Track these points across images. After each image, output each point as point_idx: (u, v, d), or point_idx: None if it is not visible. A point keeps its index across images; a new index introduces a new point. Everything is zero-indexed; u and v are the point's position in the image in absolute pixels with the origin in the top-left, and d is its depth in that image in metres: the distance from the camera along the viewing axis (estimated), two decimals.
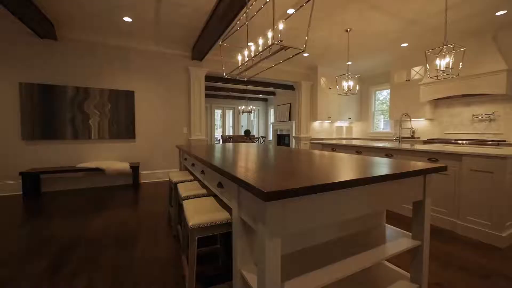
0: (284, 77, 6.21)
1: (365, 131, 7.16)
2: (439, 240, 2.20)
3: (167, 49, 4.74)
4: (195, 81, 5.03)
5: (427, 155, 2.57)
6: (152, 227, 2.50)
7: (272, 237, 0.90)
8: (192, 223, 1.26)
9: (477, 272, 1.70)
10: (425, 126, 5.52)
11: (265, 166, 1.37)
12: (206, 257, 1.93)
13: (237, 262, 1.17)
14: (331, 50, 5.05)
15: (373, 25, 3.84)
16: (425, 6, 3.25)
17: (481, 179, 2.17)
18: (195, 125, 5.08)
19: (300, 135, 6.49)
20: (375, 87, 6.87)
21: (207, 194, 1.83)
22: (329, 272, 1.15)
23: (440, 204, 2.50)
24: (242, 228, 1.17)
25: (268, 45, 2.08)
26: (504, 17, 3.61)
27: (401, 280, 1.48)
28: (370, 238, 1.52)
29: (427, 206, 1.42)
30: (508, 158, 2.04)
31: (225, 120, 10.95)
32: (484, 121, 4.54)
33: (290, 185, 0.89)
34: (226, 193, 1.35)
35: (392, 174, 1.16)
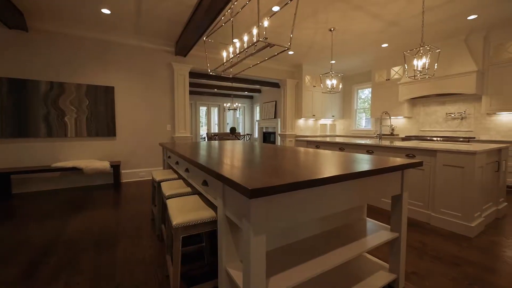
0: (269, 74, 6.22)
1: (348, 129, 7.38)
2: (415, 231, 2.33)
3: (149, 43, 4.58)
4: (179, 77, 4.91)
5: (405, 152, 2.69)
6: (134, 228, 2.43)
7: (257, 234, 0.91)
8: (176, 222, 1.24)
9: (449, 261, 1.82)
10: (403, 124, 5.78)
11: (250, 163, 1.37)
12: (191, 256, 1.90)
13: (222, 259, 1.17)
14: (316, 48, 5.12)
15: (356, 25, 3.94)
16: (404, 8, 3.38)
17: (453, 173, 2.32)
18: (179, 123, 4.98)
19: (286, 132, 6.56)
20: (357, 86, 7.07)
21: (192, 193, 1.81)
22: (312, 266, 1.17)
23: (416, 198, 2.64)
24: (227, 226, 1.16)
25: (253, 42, 2.07)
26: (474, 21, 3.84)
27: (381, 271, 1.55)
28: (352, 231, 1.57)
29: (404, 199, 1.49)
30: (477, 153, 2.18)
31: (210, 118, 10.81)
32: (456, 119, 4.83)
33: (275, 182, 0.90)
34: (211, 191, 1.34)
35: (372, 170, 1.21)
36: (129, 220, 2.62)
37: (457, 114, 4.81)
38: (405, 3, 3.24)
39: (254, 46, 2.12)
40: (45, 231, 2.36)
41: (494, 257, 1.87)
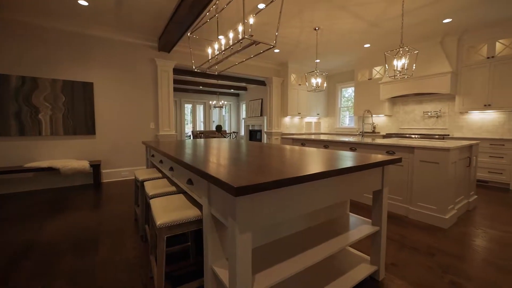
0: (255, 72, 6.22)
1: (332, 126, 7.55)
2: (395, 224, 2.44)
3: (131, 38, 4.41)
4: (162, 73, 4.78)
5: (386, 148, 2.81)
6: (116, 229, 2.35)
7: (243, 231, 0.91)
8: (160, 222, 1.21)
9: (425, 251, 1.93)
10: (384, 122, 6.01)
11: (236, 161, 1.37)
12: (176, 256, 1.87)
13: (208, 258, 1.16)
14: (301, 47, 5.18)
15: (340, 25, 4.03)
16: (385, 10, 3.49)
17: (429, 169, 2.45)
18: (163, 120, 4.85)
19: (272, 130, 6.60)
20: (341, 85, 7.24)
21: (177, 192, 1.78)
22: (298, 261, 1.20)
23: (396, 193, 2.76)
24: (212, 224, 1.16)
25: (239, 39, 2.05)
26: (449, 25, 4.05)
27: (363, 263, 1.61)
28: (335, 226, 1.62)
29: (384, 194, 1.56)
30: (450, 150, 2.32)
31: (195, 115, 10.63)
32: (432, 118, 5.09)
33: (260, 180, 0.91)
34: (196, 190, 1.33)
35: (355, 167, 1.25)
36: (111, 221, 2.53)
37: (433, 113, 5.07)
38: (386, 5, 3.35)
39: (240, 43, 2.11)
40: (19, 235, 2.22)
41: (465, 247, 2.00)
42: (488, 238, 2.15)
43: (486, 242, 2.08)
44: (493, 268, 1.71)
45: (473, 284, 1.54)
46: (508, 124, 4.15)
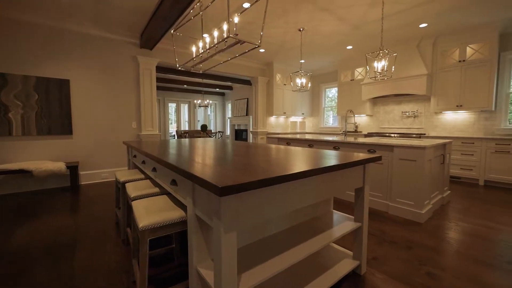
0: (240, 71, 6.20)
1: (317, 126, 7.70)
2: (375, 220, 2.53)
3: (111, 33, 4.23)
4: (145, 71, 4.64)
5: (367, 147, 2.91)
6: (96, 233, 2.25)
7: (228, 231, 0.91)
8: (143, 225, 1.18)
9: (403, 245, 2.02)
10: (366, 121, 6.22)
11: (221, 161, 1.35)
12: (160, 258, 1.83)
13: (193, 259, 1.14)
14: (286, 47, 5.23)
15: (323, 26, 4.11)
16: (366, 13, 3.61)
17: (407, 166, 2.57)
18: (146, 120, 4.71)
19: (257, 130, 6.62)
20: (325, 85, 7.40)
21: (160, 193, 1.73)
22: (283, 259, 1.21)
23: (377, 189, 2.87)
24: (197, 225, 1.14)
25: (224, 38, 2.04)
26: (425, 29, 4.27)
27: (346, 259, 1.66)
28: (319, 224, 1.66)
29: (366, 191, 1.61)
30: (426, 148, 2.44)
31: (180, 115, 10.42)
32: (410, 117, 5.35)
33: (245, 179, 0.91)
34: (180, 191, 1.30)
35: (338, 165, 1.28)
36: (90, 225, 2.42)
37: (411, 113, 5.32)
38: (367, 8, 3.47)
39: (225, 42, 2.09)
40: None
41: (440, 239, 2.12)
42: (461, 231, 2.29)
43: (459, 235, 2.21)
44: (465, 258, 1.83)
45: (447, 274, 1.64)
46: (477, 124, 4.45)
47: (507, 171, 3.81)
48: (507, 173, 3.81)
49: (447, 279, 1.58)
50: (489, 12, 3.60)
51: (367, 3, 3.32)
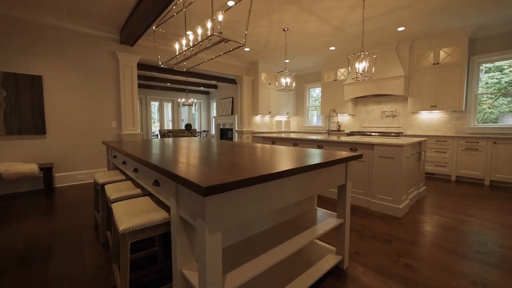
0: (225, 70, 6.15)
1: (301, 125, 7.83)
2: (357, 216, 2.62)
3: (88, 28, 4.03)
4: (125, 68, 4.47)
5: (349, 146, 3.00)
6: (73, 238, 2.14)
7: (212, 232, 0.90)
8: (123, 227, 1.14)
9: (383, 239, 2.11)
10: (348, 121, 6.41)
11: (206, 161, 1.34)
12: (143, 261, 1.78)
13: (177, 261, 1.12)
14: (271, 47, 5.25)
15: (307, 27, 4.18)
16: (348, 15, 3.72)
17: (386, 163, 2.68)
18: (127, 119, 4.54)
19: (243, 129, 6.60)
20: (309, 85, 7.53)
21: (142, 194, 1.68)
22: (268, 257, 1.22)
23: (358, 186, 2.97)
24: (181, 226, 1.12)
25: (208, 36, 2.01)
26: (403, 33, 4.46)
27: (329, 254, 1.71)
28: (304, 221, 1.69)
29: (348, 188, 1.66)
30: (404, 146, 2.56)
31: (163, 114, 10.15)
32: (389, 117, 5.58)
33: (230, 179, 0.90)
34: (163, 191, 1.27)
35: (321, 163, 1.31)
36: (66, 230, 2.29)
37: (390, 113, 5.55)
38: (348, 11, 3.57)
39: (209, 40, 2.07)
40: None
41: (416, 232, 2.24)
42: (434, 224, 2.43)
43: (433, 227, 2.35)
44: (439, 249, 1.94)
45: (423, 265, 1.73)
46: (450, 123, 4.73)
47: (476, 167, 4.09)
48: (476, 169, 4.09)
49: (422, 270, 1.67)
50: (460, 19, 3.84)
51: (349, 6, 3.42)
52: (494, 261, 1.77)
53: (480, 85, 4.48)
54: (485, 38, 4.34)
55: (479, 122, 4.52)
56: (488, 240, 2.08)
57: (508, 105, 4.25)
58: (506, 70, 4.27)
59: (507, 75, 4.27)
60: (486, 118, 4.49)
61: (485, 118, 4.49)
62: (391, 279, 1.57)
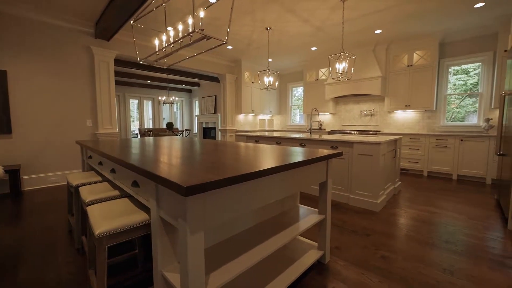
0: (208, 68, 6.05)
1: (284, 124, 7.92)
2: (338, 212, 2.71)
3: (58, 20, 3.77)
4: (101, 64, 4.24)
5: (330, 144, 3.08)
6: (45, 244, 2.00)
7: (194, 232, 0.88)
8: (100, 231, 1.08)
9: (362, 233, 2.20)
10: (329, 119, 6.59)
11: (188, 160, 1.31)
12: (122, 265, 1.71)
13: (158, 263, 1.09)
14: (253, 45, 5.25)
15: (290, 27, 4.22)
16: (329, 17, 3.81)
17: (365, 160, 2.79)
18: (104, 117, 4.32)
19: (226, 127, 6.55)
20: (292, 84, 7.64)
21: (120, 196, 1.61)
22: (252, 255, 1.22)
23: (339, 183, 3.07)
24: (162, 228, 1.09)
25: (189, 32, 1.96)
26: (380, 35, 4.66)
27: (311, 250, 1.75)
28: (286, 218, 1.71)
29: (329, 185, 1.71)
30: (381, 144, 2.69)
31: (142, 112, 9.79)
32: (367, 116, 5.81)
33: (212, 178, 0.89)
34: (143, 192, 1.23)
35: (303, 161, 1.33)
36: (37, 236, 2.14)
37: (368, 112, 5.78)
38: (329, 12, 3.65)
39: (190, 36, 2.02)
40: None
41: (392, 225, 2.36)
42: (409, 217, 2.58)
43: (407, 220, 2.49)
44: (413, 241, 2.06)
45: (399, 255, 1.83)
46: (422, 122, 5.03)
47: (445, 163, 4.39)
48: (445, 165, 4.39)
49: (398, 261, 1.77)
50: (430, 24, 4.08)
51: (329, 7, 3.50)
52: (460, 250, 1.91)
53: (449, 86, 4.80)
54: (453, 43, 4.65)
55: (448, 121, 4.85)
56: (455, 231, 2.25)
57: (473, 105, 4.60)
58: (471, 73, 4.61)
59: (472, 78, 4.61)
60: (454, 117, 4.83)
61: (453, 117, 4.83)
62: (369, 271, 1.64)
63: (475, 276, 1.59)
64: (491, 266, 1.70)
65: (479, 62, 4.44)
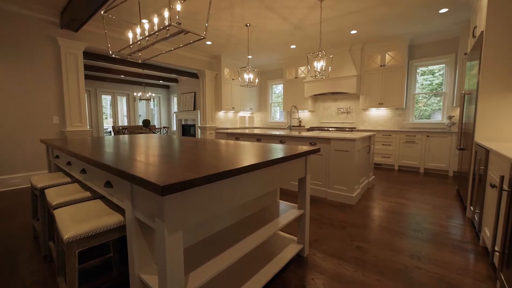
0: (187, 63, 5.88)
1: (265, 121, 7.97)
2: (316, 206, 2.80)
3: (18, 7, 3.42)
4: (68, 56, 3.94)
5: (309, 140, 3.16)
6: (6, 252, 1.84)
7: (172, 232, 0.86)
8: (69, 235, 1.02)
9: (339, 225, 2.30)
10: (308, 117, 6.74)
11: (166, 158, 1.27)
12: (96, 270, 1.62)
13: (134, 266, 1.05)
14: (233, 41, 5.19)
15: (269, 24, 4.23)
16: (307, 16, 3.87)
17: (341, 156, 2.91)
18: (73, 114, 4.04)
19: (206, 125, 6.45)
20: (272, 82, 7.69)
21: (92, 197, 1.52)
22: (232, 253, 1.23)
23: (317, 178, 3.17)
24: (138, 229, 1.05)
25: (165, 26, 1.89)
26: (355, 36, 4.84)
27: (291, 244, 1.79)
28: (267, 214, 1.73)
29: (307, 181, 1.76)
30: (356, 140, 2.81)
31: (116, 108, 9.29)
32: (344, 113, 6.04)
33: (190, 176, 0.87)
34: (116, 193, 1.17)
35: (282, 158, 1.35)
36: None
37: (344, 109, 6.01)
38: (307, 11, 3.72)
39: (166, 30, 1.95)
40: None
41: (367, 217, 2.49)
42: (382, 209, 2.73)
43: (380, 212, 2.64)
44: (385, 231, 2.19)
45: (373, 245, 1.94)
46: (393, 119, 5.34)
47: (414, 157, 4.71)
48: (414, 159, 4.71)
49: (371, 250, 1.87)
50: (401, 27, 4.32)
51: (308, 6, 3.56)
52: (426, 237, 2.07)
53: (417, 86, 5.14)
54: (420, 45, 4.98)
55: (416, 118, 5.20)
56: (422, 220, 2.43)
57: (438, 103, 4.97)
58: (437, 73, 4.97)
59: (437, 78, 4.97)
60: (421, 114, 5.18)
61: (421, 115, 5.18)
62: (346, 261, 1.72)
63: (438, 260, 1.74)
64: (452, 250, 1.87)
65: (443, 63, 4.80)
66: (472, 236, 2.10)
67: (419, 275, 1.57)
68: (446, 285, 1.49)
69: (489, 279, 1.53)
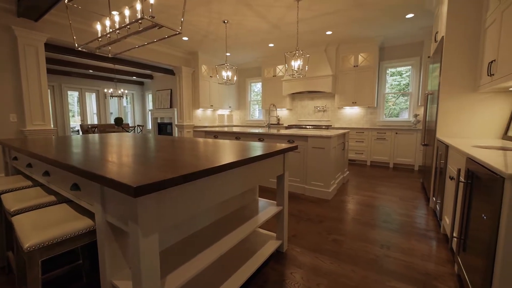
0: (162, 59, 5.66)
1: (243, 119, 7.96)
2: (294, 202, 2.87)
3: None
4: (27, 48, 3.59)
5: (287, 138, 3.22)
6: None
7: (147, 235, 0.83)
8: (30, 244, 0.93)
9: (316, 220, 2.38)
10: (286, 115, 6.86)
11: (139, 158, 1.22)
12: (63, 279, 1.51)
13: (106, 272, 1.00)
14: (210, 38, 5.10)
15: (247, 22, 4.21)
16: (285, 15, 3.92)
17: (318, 153, 3.00)
18: (33, 111, 3.69)
19: (183, 123, 6.27)
20: (250, 80, 7.69)
21: (57, 201, 1.41)
22: (211, 252, 1.21)
23: (295, 175, 3.24)
24: (109, 233, 0.99)
25: (137, 19, 1.80)
26: (330, 36, 5.00)
27: (270, 240, 1.82)
28: (246, 212, 1.74)
29: (286, 178, 1.79)
30: (331, 137, 2.92)
31: (85, 106, 8.67)
32: (320, 112, 6.23)
33: (166, 176, 0.85)
34: (85, 196, 1.10)
35: (262, 155, 1.36)
36: None
37: (321, 108, 6.20)
38: (285, 10, 3.76)
39: (139, 23, 1.86)
40: None
41: (342, 211, 2.60)
42: (355, 202, 2.88)
43: (354, 205, 2.78)
44: (358, 223, 2.31)
45: (348, 237, 2.03)
46: (366, 117, 5.62)
47: (384, 153, 5.01)
48: (384, 155, 5.01)
49: (346, 242, 1.96)
50: (372, 30, 4.55)
51: (285, 6, 3.60)
52: (395, 227, 2.22)
53: (387, 86, 5.46)
54: (390, 48, 5.28)
55: (386, 117, 5.53)
56: (391, 211, 2.60)
57: (405, 103, 5.33)
58: (404, 74, 5.32)
59: (404, 79, 5.32)
60: (391, 113, 5.52)
61: (390, 113, 5.52)
62: (323, 254, 1.79)
63: (405, 248, 1.88)
64: (417, 238, 2.03)
65: (410, 65, 5.15)
66: (434, 224, 2.29)
67: (388, 263, 1.69)
68: (412, 270, 1.61)
69: (449, 263, 1.69)
